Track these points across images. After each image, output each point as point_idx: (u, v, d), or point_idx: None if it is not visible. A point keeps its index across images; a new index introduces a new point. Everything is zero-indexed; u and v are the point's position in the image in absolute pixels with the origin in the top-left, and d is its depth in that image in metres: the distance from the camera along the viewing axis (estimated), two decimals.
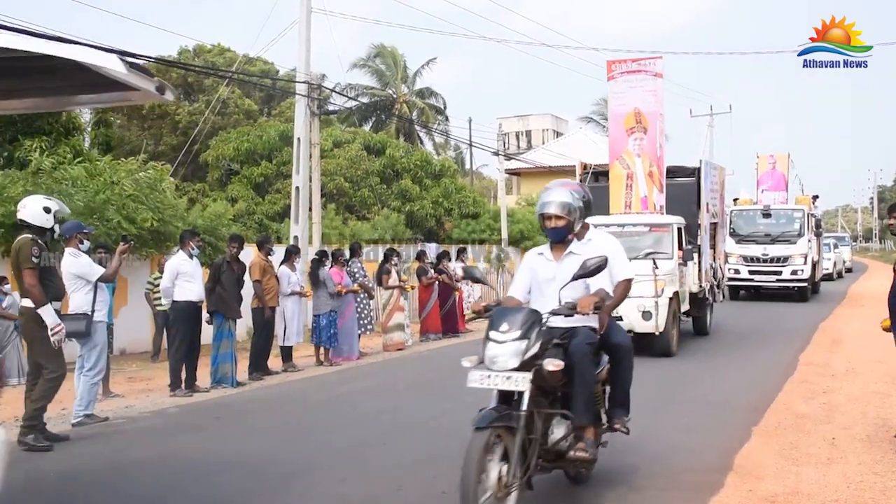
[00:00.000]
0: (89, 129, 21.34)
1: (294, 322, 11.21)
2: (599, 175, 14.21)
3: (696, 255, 12.80)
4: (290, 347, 11.30)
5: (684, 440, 6.66)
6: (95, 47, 12.72)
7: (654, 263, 10.90)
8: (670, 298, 11.48)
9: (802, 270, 21.25)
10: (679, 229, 12.30)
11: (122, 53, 14.25)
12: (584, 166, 14.43)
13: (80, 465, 6.18)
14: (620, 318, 9.83)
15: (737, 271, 21.82)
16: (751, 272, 21.86)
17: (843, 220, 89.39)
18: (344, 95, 29.99)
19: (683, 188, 13.51)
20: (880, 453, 6.04)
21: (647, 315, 11.06)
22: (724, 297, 16.06)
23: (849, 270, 37.34)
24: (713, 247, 14.67)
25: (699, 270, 13.14)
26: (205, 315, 9.51)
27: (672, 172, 13.81)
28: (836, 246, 32.90)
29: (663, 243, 11.93)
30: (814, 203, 24.69)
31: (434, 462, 5.94)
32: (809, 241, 21.77)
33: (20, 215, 6.45)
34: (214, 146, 25.04)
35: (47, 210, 6.40)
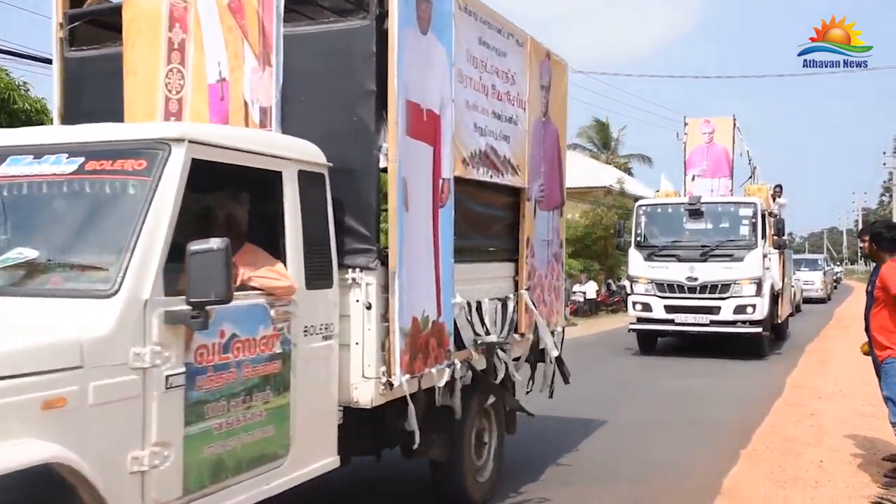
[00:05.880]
0: None
1: None
2: (104, 27, 4.84)
3: (372, 287, 4.00)
4: None
5: (672, 462, 6.62)
6: None
7: None
8: None
9: (754, 306, 13.04)
10: (293, 179, 3.74)
11: None
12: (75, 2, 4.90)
13: None
14: None
15: (647, 307, 13.63)
16: (669, 308, 13.40)
17: (829, 242, 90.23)
18: None
19: (340, 56, 4.14)
20: (868, 476, 6.02)
21: None
22: (552, 384, 6.17)
23: (822, 301, 29.27)
24: (522, 258, 5.72)
25: (388, 338, 4.04)
26: None
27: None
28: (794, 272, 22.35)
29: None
30: (774, 197, 15.80)
31: None
32: (766, 256, 13.52)
33: None
34: None
35: None
